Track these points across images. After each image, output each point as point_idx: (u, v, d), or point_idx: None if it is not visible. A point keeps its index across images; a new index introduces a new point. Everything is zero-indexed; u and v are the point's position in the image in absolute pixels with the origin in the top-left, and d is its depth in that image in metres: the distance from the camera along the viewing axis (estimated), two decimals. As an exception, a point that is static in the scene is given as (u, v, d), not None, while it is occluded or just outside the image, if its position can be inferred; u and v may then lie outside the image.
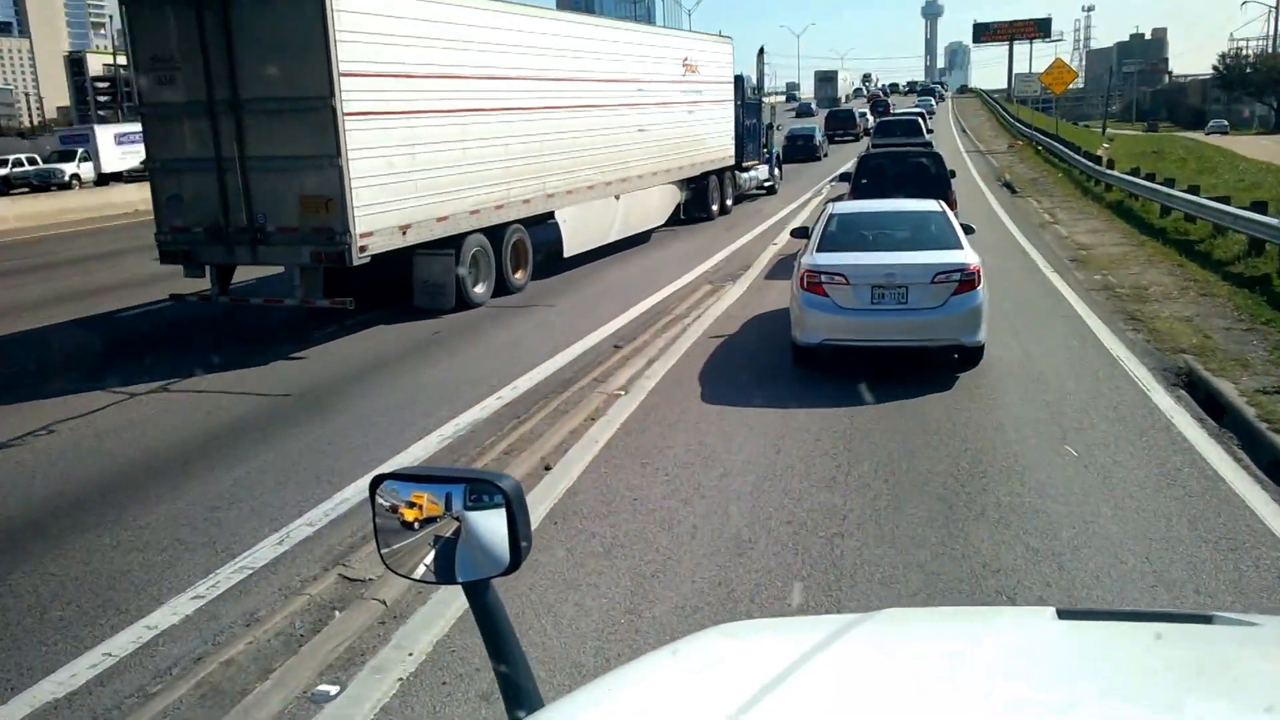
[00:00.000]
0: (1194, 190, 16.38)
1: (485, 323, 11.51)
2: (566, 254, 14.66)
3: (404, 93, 10.55)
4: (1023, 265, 13.80)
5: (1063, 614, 1.38)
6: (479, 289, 12.38)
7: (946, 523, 5.28)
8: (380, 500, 1.53)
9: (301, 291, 10.34)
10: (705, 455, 6.55)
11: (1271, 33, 63.67)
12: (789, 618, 2.01)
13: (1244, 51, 64.00)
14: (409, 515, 1.50)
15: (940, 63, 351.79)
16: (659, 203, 18.61)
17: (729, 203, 22.69)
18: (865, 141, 33.81)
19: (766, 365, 8.83)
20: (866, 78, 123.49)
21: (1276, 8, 59.09)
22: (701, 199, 20.95)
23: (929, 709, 1.08)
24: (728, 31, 22.45)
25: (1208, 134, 54.99)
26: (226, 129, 10.02)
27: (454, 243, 11.83)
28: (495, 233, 12.68)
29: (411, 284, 11.93)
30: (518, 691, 1.44)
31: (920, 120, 32.82)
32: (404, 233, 10.77)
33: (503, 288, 12.92)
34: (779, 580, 4.71)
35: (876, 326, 8.13)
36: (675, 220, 19.58)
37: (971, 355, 8.24)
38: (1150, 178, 19.32)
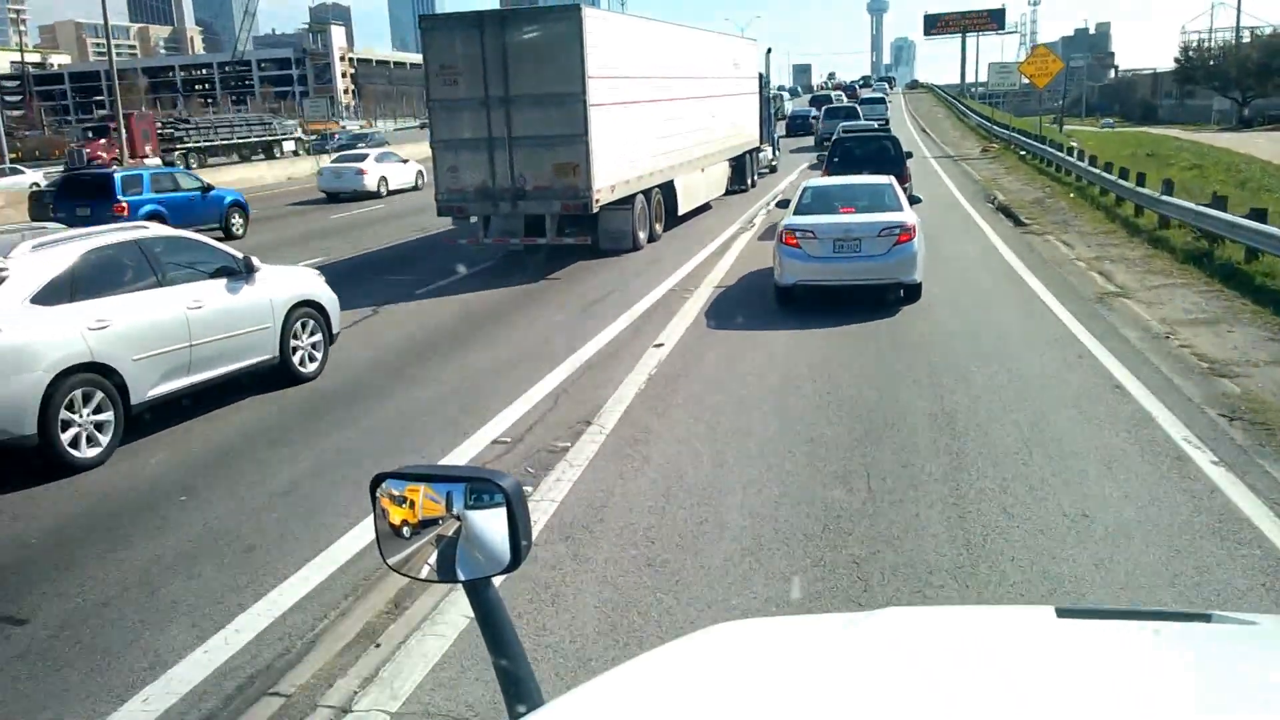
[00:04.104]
0: None
1: (650, 253, 16.78)
2: (680, 212, 19.93)
3: (618, 89, 15.78)
4: (1136, 432, 6.90)
5: (1062, 613, 1.44)
6: (642, 235, 17.55)
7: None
8: (380, 499, 1.59)
9: (553, 233, 15.50)
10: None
11: (1234, 23, 68.24)
12: (789, 616, 2.07)
13: (1206, 43, 66.60)
14: (400, 514, 1.57)
15: (886, 58, 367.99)
16: (722, 175, 24.13)
17: (756, 178, 28.51)
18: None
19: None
20: (831, 75, 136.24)
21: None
22: (740, 174, 26.48)
23: (929, 708, 1.14)
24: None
25: (1101, 128, 57.02)
26: (497, 117, 15.06)
27: (628, 201, 17.00)
28: (647, 194, 17.88)
29: (596, 232, 17.07)
30: (518, 688, 1.50)
31: (856, 108, 44.71)
32: (612, 190, 15.94)
33: (650, 236, 18.18)
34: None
35: (837, 269, 11.10)
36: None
37: (912, 292, 11.17)
38: (1260, 216, 12.39)
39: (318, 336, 9.22)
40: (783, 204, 13.33)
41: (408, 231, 21.10)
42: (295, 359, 8.95)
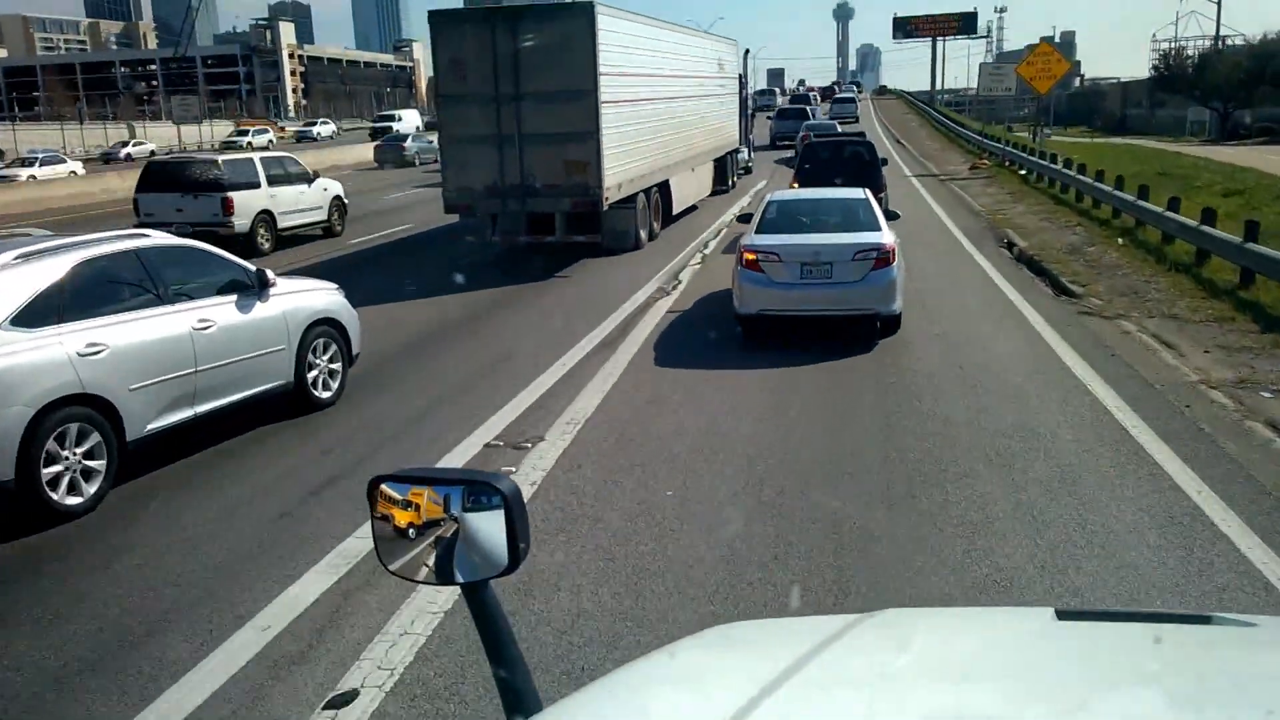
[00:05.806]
0: None
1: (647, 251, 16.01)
2: (674, 211, 19.33)
3: (626, 88, 15.27)
4: None
5: (1062, 614, 1.45)
6: (643, 233, 16.89)
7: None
8: (378, 501, 1.60)
9: (562, 231, 14.79)
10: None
11: (1213, 32, 68.04)
12: (788, 619, 2.06)
13: (1185, 51, 64.67)
14: (405, 517, 1.57)
15: (852, 64, 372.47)
16: (709, 175, 23.77)
17: (736, 179, 28.21)
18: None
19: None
20: (801, 81, 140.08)
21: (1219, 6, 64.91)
22: (722, 175, 26.07)
23: (928, 710, 1.15)
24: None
25: (1042, 139, 56.67)
26: (507, 113, 14.36)
27: (631, 200, 16.24)
28: (648, 193, 17.23)
29: (601, 230, 16.14)
30: (516, 694, 1.49)
31: (807, 108, 46.97)
32: (619, 189, 15.32)
33: (650, 234, 17.48)
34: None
35: (805, 297, 9.67)
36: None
37: (889, 324, 9.85)
38: None
39: (334, 353, 8.25)
40: (744, 218, 11.93)
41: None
42: (312, 383, 7.99)
